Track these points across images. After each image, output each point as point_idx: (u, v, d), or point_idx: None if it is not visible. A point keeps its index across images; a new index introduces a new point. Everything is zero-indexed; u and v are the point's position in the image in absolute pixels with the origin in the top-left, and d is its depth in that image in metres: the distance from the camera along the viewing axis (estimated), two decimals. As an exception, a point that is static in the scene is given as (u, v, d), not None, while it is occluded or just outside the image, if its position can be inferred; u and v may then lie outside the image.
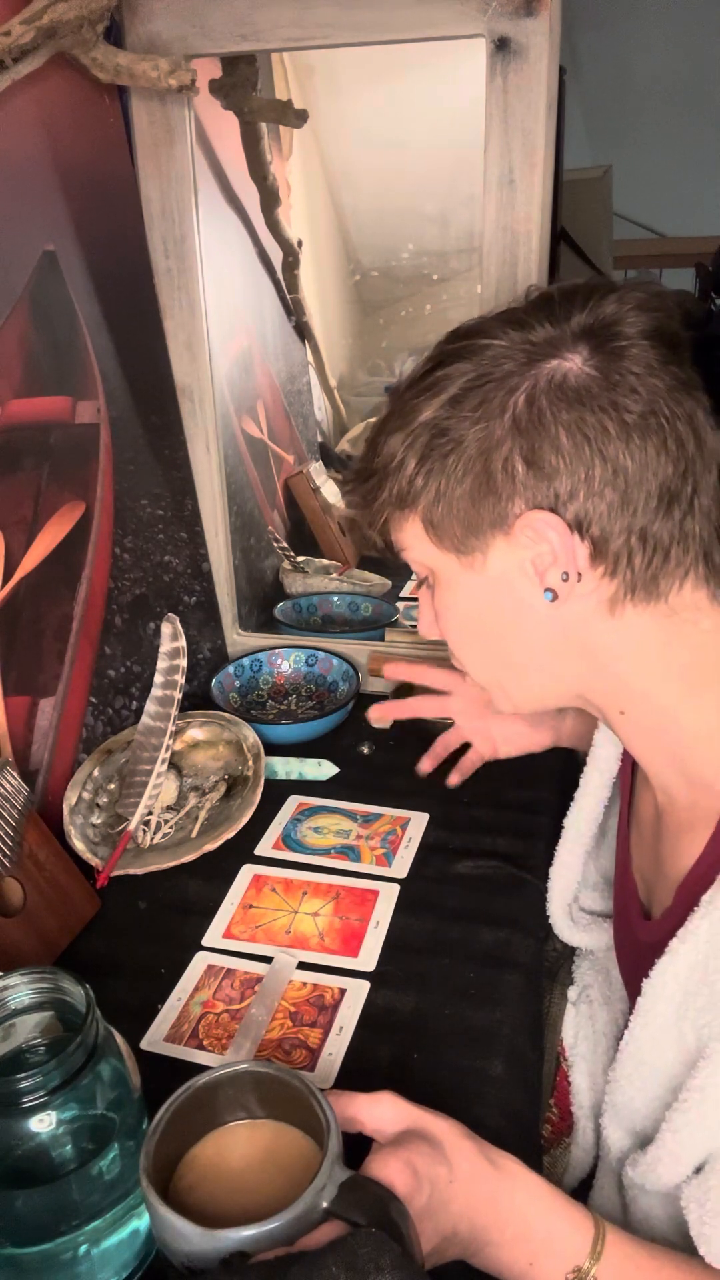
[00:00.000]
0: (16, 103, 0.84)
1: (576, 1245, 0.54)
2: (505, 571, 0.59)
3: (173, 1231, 0.47)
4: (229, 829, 0.88)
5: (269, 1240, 0.46)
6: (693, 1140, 0.57)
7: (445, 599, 0.64)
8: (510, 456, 0.56)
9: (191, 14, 0.92)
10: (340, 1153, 0.50)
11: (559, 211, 1.17)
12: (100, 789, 0.93)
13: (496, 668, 0.66)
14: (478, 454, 0.56)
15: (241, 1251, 0.46)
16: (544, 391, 0.55)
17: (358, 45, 0.90)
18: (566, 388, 0.55)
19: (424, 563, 0.64)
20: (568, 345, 0.56)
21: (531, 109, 0.86)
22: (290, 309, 1.42)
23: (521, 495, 0.56)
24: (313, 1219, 0.47)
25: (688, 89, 2.47)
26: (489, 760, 0.93)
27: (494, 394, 0.56)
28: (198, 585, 1.14)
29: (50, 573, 0.89)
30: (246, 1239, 0.46)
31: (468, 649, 0.67)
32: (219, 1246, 0.46)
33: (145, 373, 1.04)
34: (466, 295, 1.47)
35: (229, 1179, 0.54)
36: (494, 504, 0.57)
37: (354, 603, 1.31)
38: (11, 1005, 0.53)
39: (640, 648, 0.59)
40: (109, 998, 0.59)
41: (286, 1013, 0.73)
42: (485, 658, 0.66)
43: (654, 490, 0.54)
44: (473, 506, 0.58)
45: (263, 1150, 0.55)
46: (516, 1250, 0.54)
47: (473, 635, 0.65)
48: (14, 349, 0.86)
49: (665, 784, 0.65)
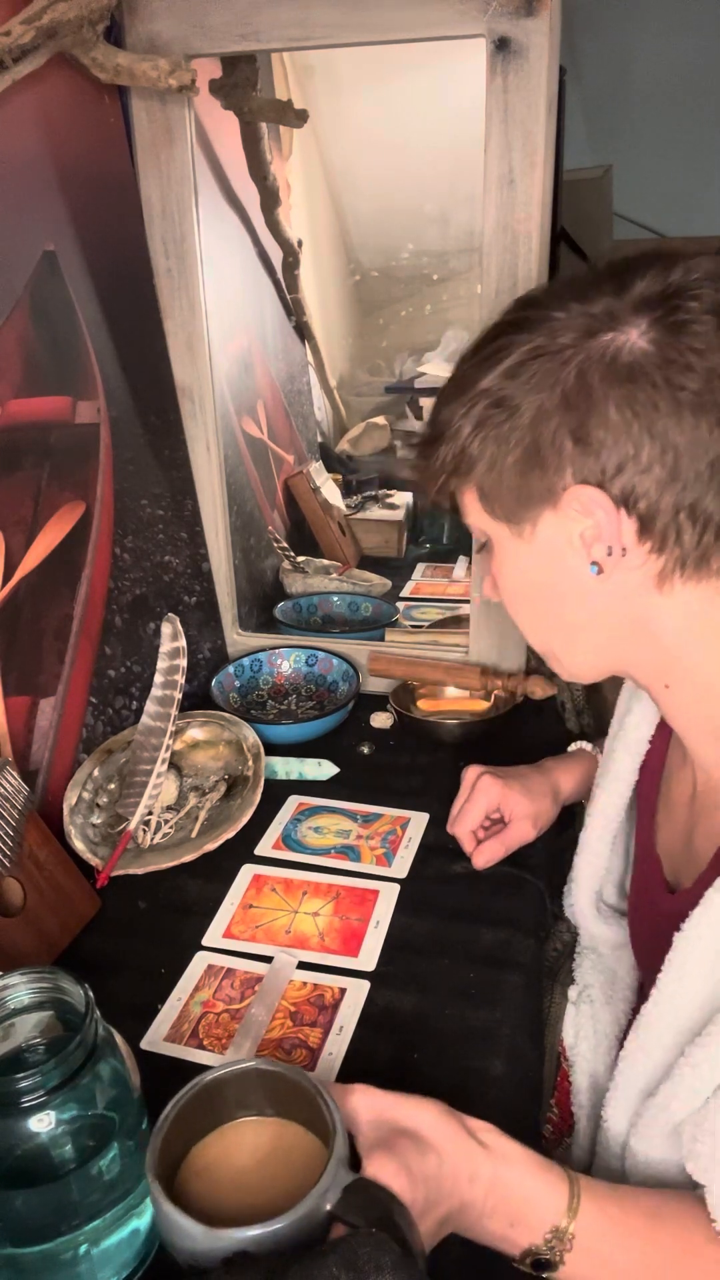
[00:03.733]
0: (16, 103, 0.84)
1: (554, 1205, 0.55)
2: (554, 543, 0.59)
3: (177, 1230, 0.47)
4: (229, 829, 0.88)
5: (272, 1241, 0.46)
6: (712, 1073, 0.57)
7: (501, 564, 0.65)
8: (559, 430, 0.55)
9: (191, 14, 0.92)
10: (345, 1155, 0.51)
11: (559, 211, 1.17)
12: (100, 789, 0.93)
13: (548, 634, 0.67)
14: (529, 426, 0.56)
15: (244, 1251, 0.46)
16: (595, 367, 0.54)
17: (358, 45, 0.90)
18: (619, 364, 0.54)
19: (480, 529, 0.64)
20: (626, 317, 0.55)
21: (531, 109, 0.86)
22: (290, 309, 1.42)
23: (569, 469, 0.56)
24: (316, 1220, 0.48)
25: (688, 89, 2.47)
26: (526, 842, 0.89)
27: (548, 366, 0.55)
28: (198, 585, 1.14)
29: (50, 573, 0.89)
30: (249, 1239, 0.46)
31: (522, 613, 0.67)
32: (222, 1246, 0.46)
33: (145, 373, 1.04)
34: (466, 295, 1.47)
35: (234, 1176, 0.54)
36: (542, 476, 0.57)
37: (354, 603, 1.31)
38: (11, 1005, 0.53)
39: (689, 622, 0.59)
40: (109, 998, 0.59)
41: (286, 1012, 0.73)
42: (538, 623, 0.67)
43: (705, 468, 0.54)
44: (522, 478, 0.58)
45: (268, 1148, 0.55)
46: (498, 1217, 0.54)
47: (526, 601, 0.66)
48: (14, 349, 0.86)
49: (706, 760, 0.65)
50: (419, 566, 1.44)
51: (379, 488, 1.52)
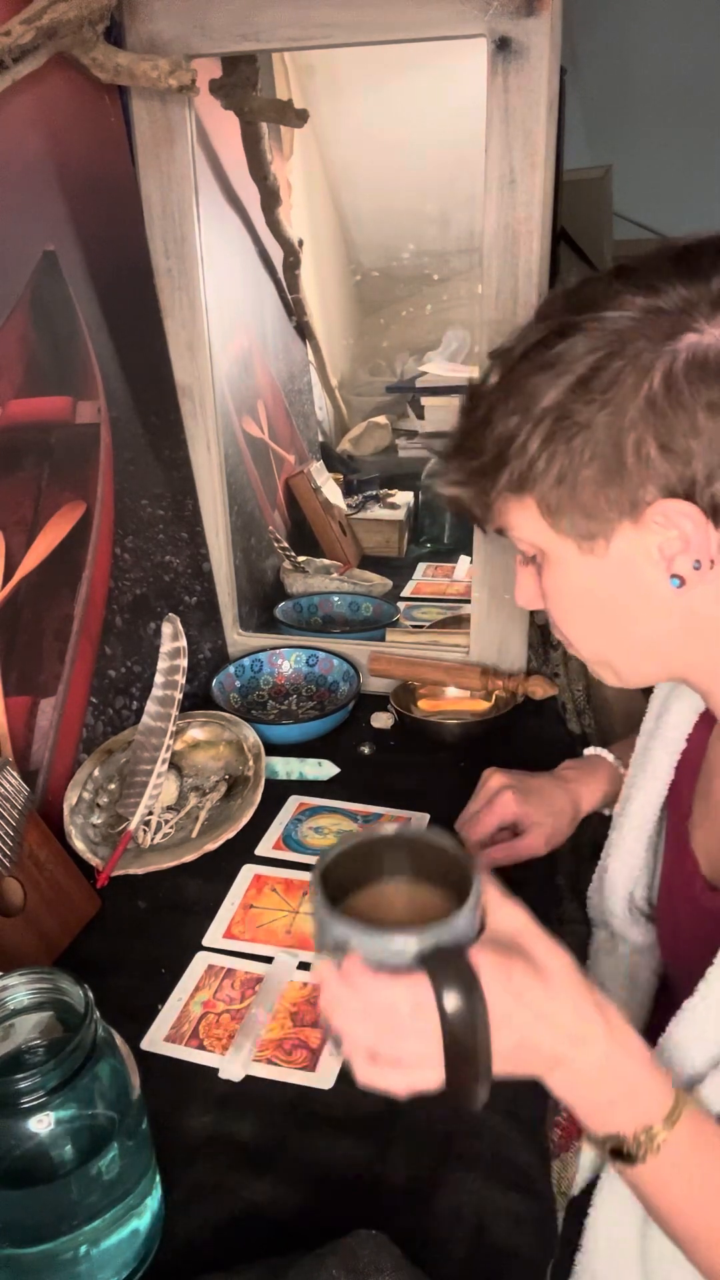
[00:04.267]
0: (16, 103, 0.84)
1: (656, 1106, 0.54)
2: (629, 557, 0.56)
3: (341, 930, 0.51)
4: (229, 829, 0.88)
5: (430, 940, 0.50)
6: None
7: (556, 580, 0.61)
8: (643, 440, 0.52)
9: (191, 14, 0.92)
10: (475, 919, 0.53)
11: (559, 211, 1.17)
12: (100, 789, 0.93)
13: (608, 646, 0.63)
14: (606, 438, 0.53)
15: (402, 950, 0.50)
16: (682, 370, 0.51)
17: (358, 45, 0.90)
18: (709, 365, 0.50)
19: (533, 542, 0.61)
20: (705, 312, 0.51)
21: (532, 109, 0.86)
22: (291, 309, 1.42)
23: (654, 481, 0.53)
24: (438, 947, 0.51)
25: (688, 89, 2.47)
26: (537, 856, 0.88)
27: (626, 375, 0.52)
28: (198, 585, 1.14)
29: (50, 573, 0.89)
30: (411, 940, 0.50)
31: (578, 626, 0.64)
32: (385, 947, 0.50)
33: (145, 373, 1.04)
34: (467, 295, 1.47)
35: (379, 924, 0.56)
36: (622, 490, 0.54)
37: (354, 603, 1.31)
38: (10, 1005, 0.53)
39: None
40: (109, 998, 0.59)
41: (287, 1013, 0.73)
42: (597, 636, 0.63)
43: None
44: (599, 492, 0.54)
45: (412, 910, 0.56)
46: (597, 1091, 0.54)
47: (583, 615, 0.62)
48: (14, 349, 0.86)
49: None
50: (420, 566, 1.44)
51: (380, 487, 1.52)
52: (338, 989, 0.51)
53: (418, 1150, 0.62)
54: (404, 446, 1.57)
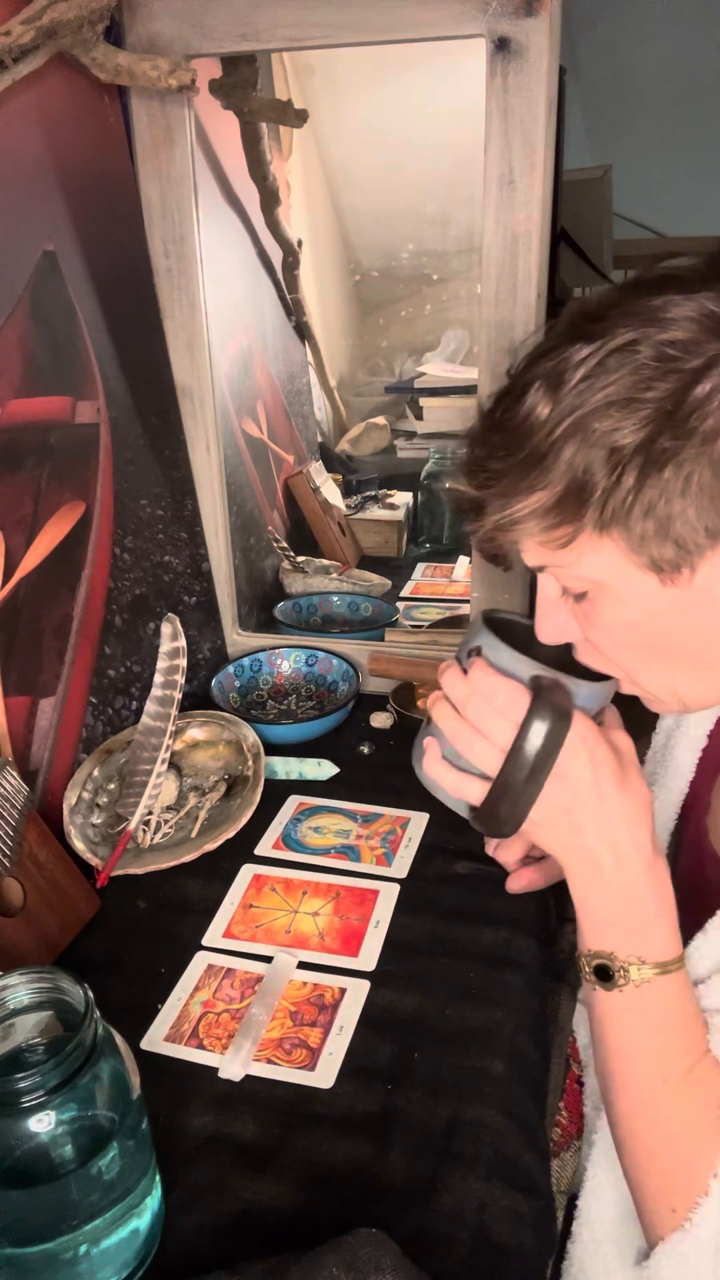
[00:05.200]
0: (16, 103, 0.84)
1: (659, 948, 0.55)
2: (713, 584, 0.54)
3: (485, 638, 0.60)
4: (229, 829, 0.88)
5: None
6: None
7: (619, 614, 0.58)
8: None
9: (191, 14, 0.92)
10: (594, 708, 0.61)
11: (559, 211, 1.17)
12: (100, 789, 0.93)
13: (670, 674, 0.61)
14: (708, 465, 0.50)
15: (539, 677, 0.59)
16: None
17: (358, 45, 0.90)
18: None
19: (591, 578, 0.57)
20: None
21: (531, 109, 0.86)
22: (290, 309, 1.42)
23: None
24: (556, 684, 0.58)
25: (688, 89, 2.47)
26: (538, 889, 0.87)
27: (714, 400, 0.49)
28: (198, 585, 1.14)
29: (50, 573, 0.89)
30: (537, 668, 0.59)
31: (638, 658, 0.61)
32: (514, 658, 0.60)
33: (145, 373, 1.04)
34: (466, 295, 1.47)
35: None
36: (717, 516, 0.51)
37: (354, 603, 1.31)
38: (10, 1005, 0.53)
39: None
40: (109, 998, 0.59)
41: (287, 1012, 0.73)
42: (658, 667, 0.61)
43: None
44: (693, 522, 0.52)
45: None
46: (613, 906, 0.56)
47: (647, 646, 0.59)
48: (14, 349, 0.86)
49: None
50: (419, 566, 1.44)
51: (379, 488, 1.52)
52: (453, 679, 0.57)
53: (418, 1150, 0.62)
54: (402, 447, 1.57)
